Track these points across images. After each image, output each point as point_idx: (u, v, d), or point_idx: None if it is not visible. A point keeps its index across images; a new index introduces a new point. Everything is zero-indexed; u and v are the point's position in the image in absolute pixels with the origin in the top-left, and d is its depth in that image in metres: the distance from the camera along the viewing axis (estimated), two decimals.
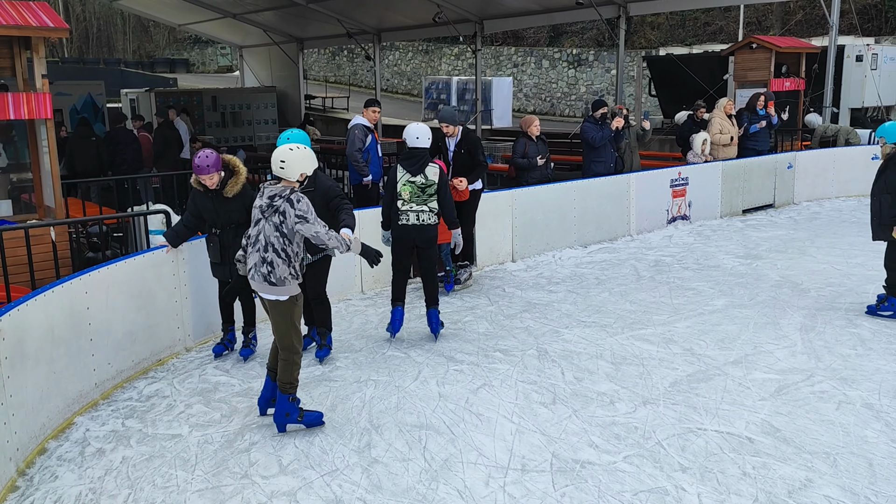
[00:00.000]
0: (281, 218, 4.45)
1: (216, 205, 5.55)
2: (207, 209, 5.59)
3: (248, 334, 5.98)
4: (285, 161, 4.50)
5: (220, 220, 5.59)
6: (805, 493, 3.80)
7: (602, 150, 9.56)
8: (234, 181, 5.52)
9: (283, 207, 4.44)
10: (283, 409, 4.58)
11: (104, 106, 19.95)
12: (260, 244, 4.52)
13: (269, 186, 4.58)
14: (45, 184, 7.02)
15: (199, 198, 5.63)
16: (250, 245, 4.61)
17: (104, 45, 42.25)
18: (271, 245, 4.47)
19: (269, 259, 4.47)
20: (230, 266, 5.46)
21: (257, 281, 4.55)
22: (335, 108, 27.92)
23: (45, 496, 3.98)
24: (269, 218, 4.48)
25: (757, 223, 10.80)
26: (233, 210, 5.55)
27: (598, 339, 6.13)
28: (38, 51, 6.55)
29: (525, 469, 4.12)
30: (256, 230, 4.57)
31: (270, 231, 4.48)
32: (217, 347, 5.91)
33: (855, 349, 5.74)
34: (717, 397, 4.96)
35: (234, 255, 5.28)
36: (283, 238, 4.47)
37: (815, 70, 14.23)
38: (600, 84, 26.81)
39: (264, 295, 4.55)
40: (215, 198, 5.53)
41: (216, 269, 5.78)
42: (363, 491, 3.95)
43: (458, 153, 7.50)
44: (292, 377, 4.59)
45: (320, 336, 5.87)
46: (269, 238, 4.48)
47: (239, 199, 5.54)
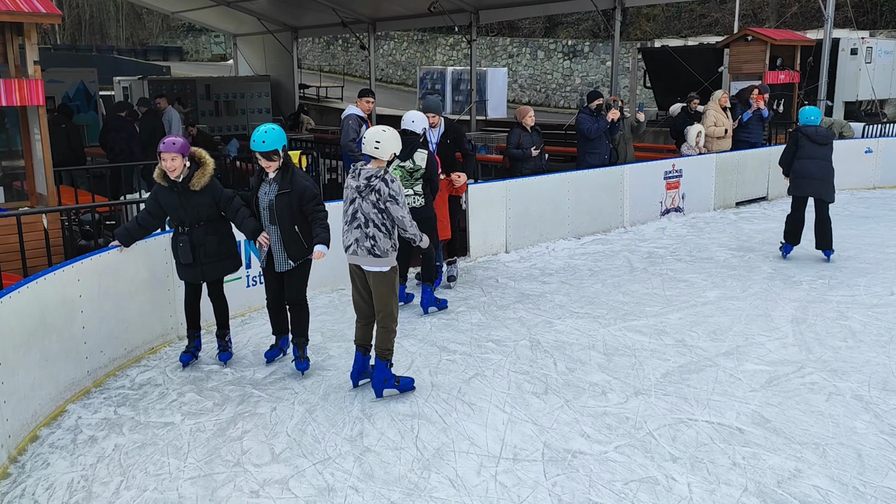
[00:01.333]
0: (377, 195, 4.79)
1: (183, 200, 5.17)
2: (173, 206, 5.19)
3: (223, 337, 5.61)
4: (380, 142, 4.83)
5: (188, 217, 5.20)
6: (794, 483, 3.84)
7: (597, 141, 9.57)
8: (202, 173, 5.17)
9: (378, 186, 4.79)
10: (381, 374, 4.90)
11: (97, 93, 19.84)
12: (360, 221, 4.85)
13: (362, 167, 4.90)
14: (38, 171, 7.00)
15: (163, 193, 5.21)
16: (347, 223, 4.93)
17: (97, 32, 41.97)
18: (372, 221, 4.82)
19: (371, 234, 4.81)
20: (203, 267, 5.28)
21: (361, 255, 4.86)
22: (329, 98, 27.81)
23: (37, 483, 3.98)
24: (367, 196, 4.82)
25: (750, 215, 10.84)
26: (201, 205, 5.20)
27: (590, 329, 6.15)
28: (31, 37, 6.51)
29: (517, 458, 4.14)
30: (353, 208, 4.89)
31: (369, 208, 4.83)
32: (184, 356, 5.48)
33: (845, 341, 5.78)
34: (709, 388, 4.98)
35: (206, 254, 5.26)
36: (381, 213, 4.82)
37: (809, 63, 14.25)
38: (595, 75, 26.79)
39: (368, 267, 4.89)
40: (181, 192, 5.16)
41: (185, 270, 5.37)
42: (355, 479, 3.96)
43: (443, 144, 7.35)
44: (390, 344, 4.95)
45: (298, 347, 5.35)
46: (368, 215, 4.82)
47: (207, 192, 5.20)
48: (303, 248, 5.21)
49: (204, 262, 5.29)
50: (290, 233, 5.15)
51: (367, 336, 5.07)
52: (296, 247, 5.20)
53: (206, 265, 5.31)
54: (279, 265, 5.28)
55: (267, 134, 5.03)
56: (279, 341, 5.60)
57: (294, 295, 5.38)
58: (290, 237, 5.17)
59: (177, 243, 5.29)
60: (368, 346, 5.07)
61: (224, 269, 5.44)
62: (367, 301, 5.00)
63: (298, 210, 5.12)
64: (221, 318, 5.60)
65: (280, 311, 5.52)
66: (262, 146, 5.04)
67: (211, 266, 5.34)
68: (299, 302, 5.40)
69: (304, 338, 5.41)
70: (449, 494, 3.81)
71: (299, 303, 5.40)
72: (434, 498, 3.78)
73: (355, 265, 4.95)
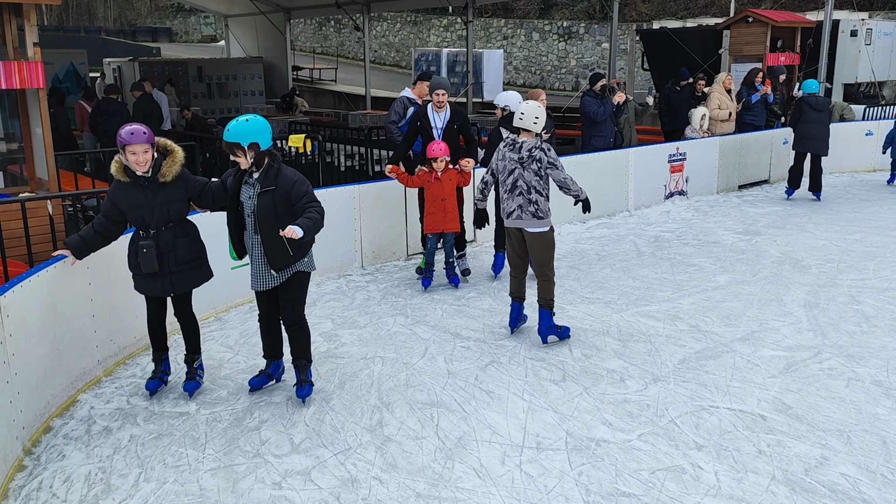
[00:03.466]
0: (538, 164, 5.31)
1: (150, 197, 4.39)
2: (137, 205, 4.38)
3: (192, 363, 4.80)
4: (539, 118, 5.33)
5: (156, 217, 4.40)
6: (822, 471, 3.81)
7: (602, 124, 9.49)
8: (171, 160, 4.42)
9: (539, 156, 5.32)
10: (546, 322, 5.46)
11: (87, 75, 19.55)
12: (521, 189, 5.36)
13: (520, 140, 5.37)
14: (38, 156, 6.85)
15: (125, 192, 4.40)
16: (508, 192, 5.39)
17: (84, 13, 41.35)
18: (534, 188, 5.34)
19: (533, 199, 5.35)
20: (172, 277, 4.50)
21: (525, 219, 5.39)
22: (323, 80, 27.55)
23: (54, 475, 3.90)
24: (528, 166, 5.33)
25: (753, 199, 10.81)
26: (172, 200, 4.44)
27: (603, 315, 6.11)
28: (30, 18, 6.34)
29: (540, 447, 4.09)
30: (513, 178, 5.37)
31: (531, 177, 5.34)
32: (151, 384, 4.76)
33: (860, 326, 5.76)
34: (727, 374, 4.95)
35: (176, 261, 4.48)
36: (542, 180, 5.36)
37: (809, 45, 14.17)
38: (591, 57, 26.64)
39: (531, 229, 5.40)
40: (149, 187, 4.39)
41: (148, 282, 4.52)
42: (378, 470, 3.91)
43: (449, 129, 6.78)
44: (551, 294, 5.49)
45: (299, 370, 4.65)
46: (530, 183, 5.34)
47: (179, 184, 4.46)
48: (287, 256, 4.41)
49: (174, 271, 4.50)
50: (272, 239, 4.34)
51: (521, 289, 5.64)
52: (279, 255, 4.38)
53: (175, 275, 4.51)
54: (264, 283, 4.54)
55: (236, 124, 4.29)
56: (269, 368, 4.84)
57: (289, 315, 4.60)
58: (273, 244, 4.35)
59: (138, 249, 4.43)
60: (523, 297, 5.65)
61: (195, 278, 4.65)
62: (523, 258, 5.59)
63: (285, 212, 4.33)
64: (191, 339, 4.80)
65: (271, 331, 4.75)
66: (225, 134, 4.32)
67: (182, 276, 4.55)
68: (296, 322, 4.62)
69: (306, 359, 4.67)
70: (475, 485, 3.76)
71: (296, 323, 4.62)
72: (460, 489, 3.73)
73: (515, 228, 5.47)
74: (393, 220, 7.67)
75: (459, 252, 7.12)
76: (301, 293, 4.59)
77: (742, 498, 3.61)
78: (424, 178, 6.67)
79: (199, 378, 4.81)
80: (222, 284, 5.79)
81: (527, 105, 5.38)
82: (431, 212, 6.67)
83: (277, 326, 4.74)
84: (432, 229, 6.71)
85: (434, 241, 6.79)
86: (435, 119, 6.84)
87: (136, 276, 4.57)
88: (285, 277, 4.51)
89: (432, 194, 6.64)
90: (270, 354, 4.84)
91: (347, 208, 7.27)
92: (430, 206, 6.67)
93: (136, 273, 4.55)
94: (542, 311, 5.48)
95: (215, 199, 4.61)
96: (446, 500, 3.64)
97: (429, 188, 6.65)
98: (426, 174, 6.65)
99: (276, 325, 4.72)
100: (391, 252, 7.71)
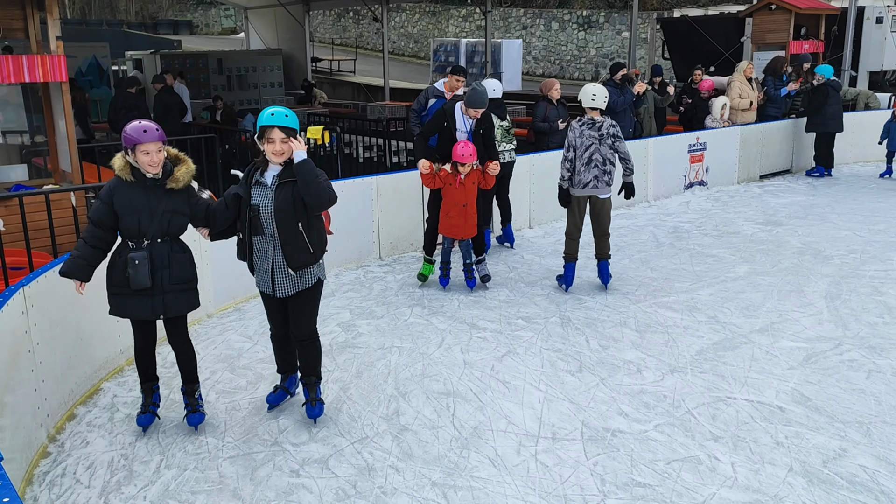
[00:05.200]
0: (612, 140, 6.15)
1: (153, 201, 3.94)
2: (136, 208, 3.91)
3: (192, 394, 4.30)
4: (597, 95, 6.18)
5: (153, 226, 3.93)
6: (840, 463, 3.79)
7: (622, 115, 9.42)
8: (186, 168, 4.04)
9: (613, 132, 6.18)
10: (606, 270, 6.50)
11: (109, 68, 19.75)
12: (597, 161, 6.17)
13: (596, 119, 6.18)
14: (61, 148, 6.95)
15: (126, 192, 3.92)
16: (585, 165, 6.15)
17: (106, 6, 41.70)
18: (608, 160, 6.21)
19: (608, 170, 6.22)
20: (164, 297, 3.99)
21: (600, 187, 6.25)
22: (342, 71, 27.59)
23: (78, 462, 3.98)
24: (604, 141, 6.15)
25: (775, 189, 10.69)
26: (175, 211, 3.99)
27: (620, 306, 6.09)
28: (52, 12, 6.42)
29: (556, 437, 4.11)
30: (590, 153, 6.14)
31: (606, 150, 6.18)
32: (143, 419, 4.24)
33: (882, 317, 5.70)
34: (745, 366, 4.93)
35: (171, 279, 3.98)
36: (614, 154, 6.21)
37: (834, 32, 13.95)
38: (611, 47, 26.42)
39: (604, 195, 6.30)
40: (153, 191, 3.95)
41: (133, 302, 3.97)
42: (395, 459, 3.95)
43: (475, 134, 6.48)
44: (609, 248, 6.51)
45: (308, 388, 4.33)
46: (606, 156, 6.19)
47: (184, 195, 4.04)
48: (308, 254, 4.09)
49: (167, 290, 3.98)
50: (291, 233, 4.02)
51: (576, 250, 6.47)
52: (299, 251, 4.06)
53: (169, 294, 3.99)
54: (281, 289, 4.15)
55: (283, 109, 4.04)
56: (285, 381, 4.58)
57: (302, 329, 4.26)
58: (292, 238, 4.03)
59: (127, 262, 3.89)
60: (577, 258, 6.50)
61: (191, 301, 4.15)
62: (582, 224, 6.44)
63: (304, 205, 4.02)
64: (189, 368, 4.30)
65: (286, 345, 4.47)
66: (284, 120, 3.97)
67: (175, 296, 4.03)
68: (309, 336, 4.30)
69: (316, 376, 4.36)
70: (490, 474, 3.78)
71: (308, 337, 4.31)
72: (475, 478, 3.76)
73: (585, 196, 6.29)
74: (411, 211, 7.69)
75: (479, 257, 6.65)
76: (316, 305, 4.29)
77: (758, 489, 3.60)
78: (447, 179, 6.26)
79: (201, 409, 4.32)
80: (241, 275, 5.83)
81: (594, 87, 6.26)
82: (451, 216, 6.28)
83: (291, 341, 4.42)
84: (450, 234, 6.38)
85: (450, 241, 6.51)
86: (464, 121, 6.48)
87: (117, 297, 3.99)
88: (304, 284, 4.16)
89: (453, 198, 6.24)
90: (285, 369, 4.57)
91: (365, 199, 7.30)
92: (451, 210, 6.27)
93: (118, 292, 3.98)
94: (605, 263, 6.48)
95: (217, 218, 4.12)
96: (461, 489, 3.66)
97: (449, 191, 6.25)
98: (449, 176, 6.25)
99: (290, 340, 4.41)
100: (409, 243, 7.74)
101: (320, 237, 4.17)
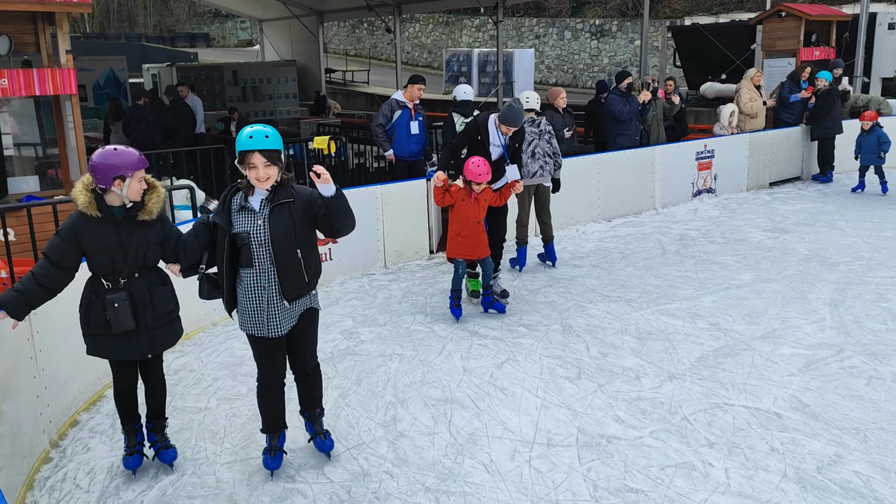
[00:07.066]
0: (549, 136, 7.14)
1: (125, 238, 3.61)
2: (109, 247, 3.59)
3: (162, 430, 4.04)
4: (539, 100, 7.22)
5: (129, 263, 3.62)
6: (835, 469, 3.77)
7: (627, 122, 9.43)
8: (157, 195, 3.70)
9: (547, 129, 7.16)
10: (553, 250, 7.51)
11: (126, 81, 20.04)
12: (539, 154, 7.06)
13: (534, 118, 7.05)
14: (72, 160, 7.07)
15: (94, 230, 3.58)
16: (530, 157, 6.99)
17: (125, 19, 42.35)
18: (548, 153, 7.12)
19: (548, 161, 7.12)
20: (150, 334, 3.73)
21: (544, 176, 7.17)
22: (356, 82, 27.79)
23: (79, 467, 4.05)
24: (543, 136, 7.08)
25: (784, 196, 10.64)
26: (150, 243, 3.68)
27: (623, 313, 6.09)
28: (62, 26, 6.55)
29: (551, 443, 4.12)
30: (532, 147, 7.00)
31: (545, 145, 7.09)
32: (131, 461, 3.93)
33: (885, 324, 5.66)
34: (745, 372, 4.91)
35: (155, 315, 3.71)
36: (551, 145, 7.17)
37: (845, 39, 13.89)
38: (623, 55, 26.43)
39: (546, 183, 7.26)
40: (124, 226, 3.61)
41: (117, 344, 3.70)
42: (389, 464, 3.98)
43: (510, 147, 6.24)
44: None
45: (312, 422, 4.09)
46: (545, 149, 7.10)
47: (157, 226, 3.71)
48: (303, 283, 3.73)
49: (152, 327, 3.73)
50: (289, 261, 3.65)
51: (527, 235, 7.35)
52: (296, 281, 3.68)
53: (155, 331, 3.75)
54: (277, 326, 3.72)
55: (263, 129, 3.56)
56: (277, 440, 3.99)
57: (309, 360, 3.98)
58: (290, 267, 3.66)
59: (106, 304, 3.61)
60: (528, 242, 7.42)
61: (177, 332, 3.92)
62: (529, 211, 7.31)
63: (303, 227, 3.67)
64: (160, 403, 4.04)
65: (281, 396, 3.97)
66: (264, 142, 3.53)
67: (161, 332, 3.80)
68: (314, 368, 4.04)
69: (321, 408, 4.14)
70: (483, 479, 3.81)
71: (314, 369, 4.04)
72: (468, 483, 3.78)
73: (533, 185, 7.16)
74: (415, 219, 7.75)
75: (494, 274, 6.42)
76: (316, 334, 3.98)
77: (751, 495, 3.59)
78: (458, 195, 5.90)
79: (171, 444, 4.05)
80: None
81: (528, 92, 7.21)
82: (463, 234, 5.90)
83: (284, 390, 3.99)
84: (460, 255, 5.98)
85: (464, 266, 6.08)
86: (498, 136, 6.17)
87: (96, 338, 3.71)
88: (301, 310, 3.81)
89: (466, 214, 5.88)
90: (280, 426, 4.00)
91: (370, 208, 7.36)
92: (462, 229, 5.90)
93: (98, 333, 3.69)
94: (551, 244, 7.42)
95: (188, 251, 3.76)
96: (454, 495, 3.69)
97: (462, 207, 5.89)
98: (461, 191, 5.89)
99: (284, 389, 3.99)
100: (414, 251, 7.79)
101: (317, 264, 3.84)
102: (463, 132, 6.48)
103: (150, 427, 4.05)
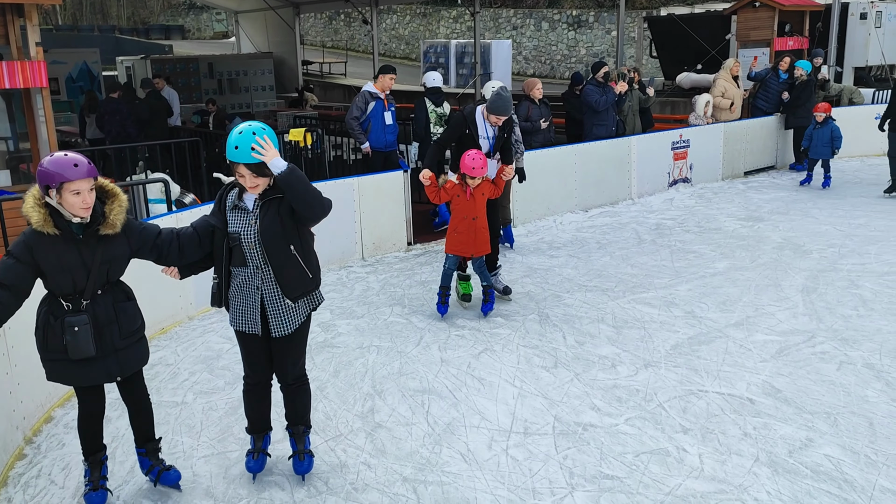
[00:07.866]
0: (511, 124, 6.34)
1: (87, 255, 3.25)
2: (68, 266, 3.23)
3: (156, 453, 3.76)
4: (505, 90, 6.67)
5: (92, 282, 3.28)
6: (805, 453, 3.84)
7: (604, 113, 9.47)
8: (117, 205, 3.30)
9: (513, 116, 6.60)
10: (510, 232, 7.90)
11: (100, 74, 19.77)
12: None
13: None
14: (44, 154, 6.96)
15: (52, 249, 3.21)
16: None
17: (98, 11, 41.67)
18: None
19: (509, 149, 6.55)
20: (118, 355, 3.40)
21: None
22: (333, 74, 27.65)
23: (53, 463, 4.02)
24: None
25: (759, 185, 10.76)
26: (115, 258, 3.33)
27: (599, 303, 6.14)
28: (32, 18, 6.45)
29: (527, 432, 4.15)
30: None
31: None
32: (96, 497, 3.56)
33: (856, 310, 5.75)
34: (719, 359, 4.98)
35: (121, 334, 3.38)
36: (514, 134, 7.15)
37: (818, 28, 14.04)
38: (601, 46, 26.50)
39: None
40: (84, 242, 3.24)
41: (81, 369, 3.35)
42: (367, 455, 3.99)
43: (499, 139, 6.07)
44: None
45: (296, 439, 3.82)
46: None
47: (122, 237, 3.33)
48: (307, 279, 3.55)
49: (119, 348, 3.40)
50: (283, 258, 3.47)
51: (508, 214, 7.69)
52: (296, 277, 3.52)
53: (122, 352, 3.42)
54: (277, 327, 3.57)
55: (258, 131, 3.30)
56: (261, 442, 3.85)
57: (295, 369, 3.74)
58: (286, 264, 3.48)
59: (65, 328, 3.26)
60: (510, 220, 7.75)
61: (145, 351, 3.59)
62: None
63: (292, 225, 3.46)
64: (149, 424, 3.74)
65: (266, 396, 3.82)
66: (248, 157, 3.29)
67: (129, 352, 3.47)
68: (299, 379, 3.78)
69: (306, 425, 3.84)
70: (461, 469, 3.83)
71: (299, 380, 3.78)
72: (446, 472, 3.80)
73: None
74: (393, 211, 7.74)
75: (493, 270, 6.31)
76: (306, 342, 3.77)
77: (724, 479, 3.65)
78: (454, 191, 5.77)
79: (168, 465, 3.78)
80: None
81: (491, 82, 7.45)
82: (459, 231, 5.78)
83: (270, 393, 3.85)
84: (457, 251, 5.86)
85: (454, 262, 5.92)
86: (486, 128, 6.02)
87: (57, 363, 3.36)
88: (300, 318, 3.63)
89: (462, 211, 5.75)
90: (264, 427, 3.87)
91: (347, 200, 7.34)
92: (459, 225, 5.79)
93: (58, 358, 3.34)
94: (509, 227, 7.68)
95: (184, 251, 3.48)
96: (431, 484, 3.71)
97: (458, 203, 5.77)
98: (456, 187, 5.77)
99: (270, 389, 3.84)
100: (391, 243, 7.79)
101: (316, 259, 3.63)
102: (450, 127, 6.27)
103: (142, 452, 3.73)
